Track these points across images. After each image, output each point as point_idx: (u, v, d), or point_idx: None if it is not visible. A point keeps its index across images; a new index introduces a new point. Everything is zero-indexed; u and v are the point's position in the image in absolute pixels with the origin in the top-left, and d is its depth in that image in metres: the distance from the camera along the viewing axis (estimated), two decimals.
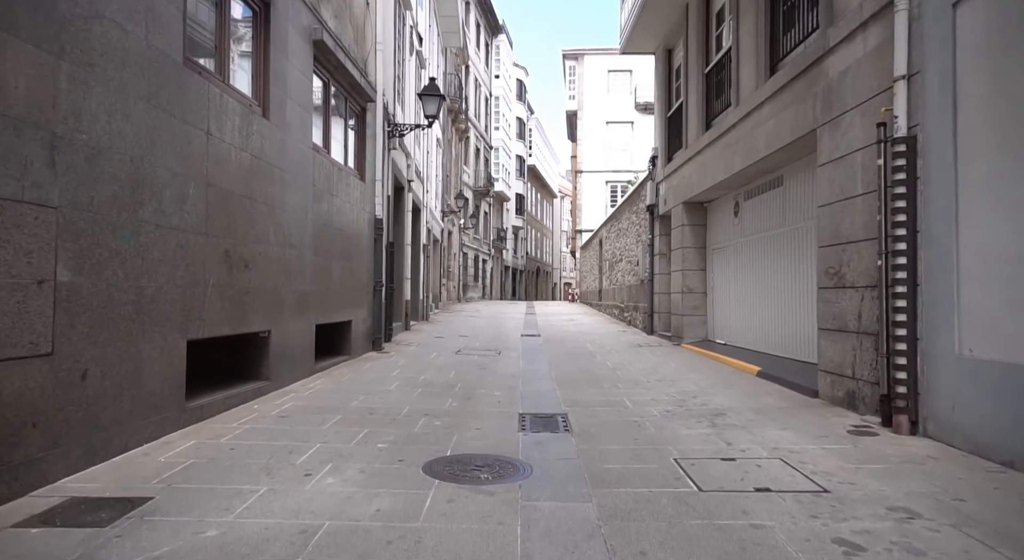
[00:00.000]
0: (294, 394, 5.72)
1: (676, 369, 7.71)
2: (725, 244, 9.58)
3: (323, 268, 7.11)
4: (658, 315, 12.06)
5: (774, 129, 6.73)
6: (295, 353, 6.25)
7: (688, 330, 10.33)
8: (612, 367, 7.95)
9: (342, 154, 8.15)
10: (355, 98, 8.42)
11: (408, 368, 7.64)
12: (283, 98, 5.93)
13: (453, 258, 27.36)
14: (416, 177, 14.54)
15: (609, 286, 19.97)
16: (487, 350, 9.73)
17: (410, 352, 9.29)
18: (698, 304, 10.34)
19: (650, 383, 6.68)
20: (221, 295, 4.76)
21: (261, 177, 5.47)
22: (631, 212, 15.79)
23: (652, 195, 12.35)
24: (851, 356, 5.05)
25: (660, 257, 12.06)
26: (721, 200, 9.70)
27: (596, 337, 12.19)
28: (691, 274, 10.37)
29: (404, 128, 10.55)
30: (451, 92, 24.40)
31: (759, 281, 8.27)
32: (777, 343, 7.71)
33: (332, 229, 7.42)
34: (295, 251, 6.24)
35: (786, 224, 7.44)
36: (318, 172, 6.92)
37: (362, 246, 8.70)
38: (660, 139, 12.13)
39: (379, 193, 9.39)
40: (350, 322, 8.20)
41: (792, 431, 4.45)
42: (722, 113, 8.84)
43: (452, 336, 11.93)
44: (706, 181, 9.14)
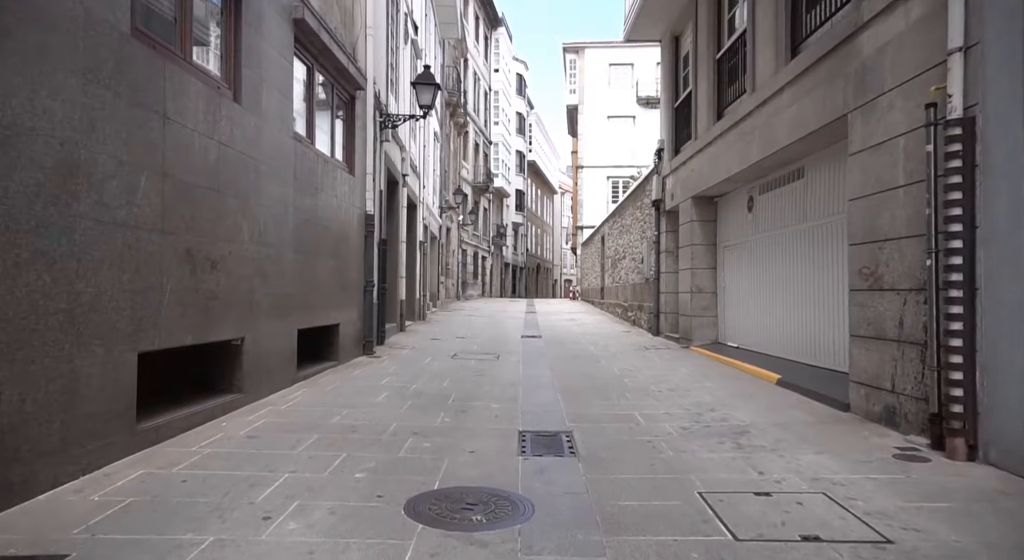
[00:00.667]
0: (270, 408, 5.18)
1: (688, 376, 7.17)
2: (737, 241, 9.03)
3: (307, 268, 6.56)
4: (664, 315, 11.51)
5: (796, 116, 6.17)
6: (273, 361, 5.71)
7: (697, 332, 9.78)
8: (619, 374, 7.41)
9: (328, 145, 7.60)
10: (342, 85, 7.86)
11: (399, 375, 7.09)
12: (258, 81, 5.37)
13: (452, 255, 26.81)
14: (412, 171, 13.98)
15: (612, 284, 19.43)
16: (485, 354, 9.19)
17: (403, 357, 8.75)
18: (708, 304, 9.80)
19: (661, 393, 6.14)
20: (182, 300, 4.22)
21: (232, 168, 4.91)
22: (635, 208, 15.24)
23: (658, 190, 11.80)
24: (890, 367, 4.51)
25: (667, 255, 11.50)
26: (733, 194, 9.15)
27: (600, 338, 11.65)
28: (700, 273, 9.82)
29: (397, 119, 9.99)
30: (449, 85, 23.82)
31: (776, 281, 7.72)
32: (797, 348, 7.17)
33: (317, 226, 6.87)
34: (273, 250, 5.70)
35: (808, 219, 6.88)
36: (300, 164, 6.37)
37: (351, 244, 8.16)
38: (667, 131, 11.57)
39: (370, 187, 8.84)
40: (338, 325, 7.65)
41: (829, 455, 3.91)
42: (735, 101, 8.28)
43: (449, 338, 11.39)
44: (718, 174, 8.58)
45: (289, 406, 5.28)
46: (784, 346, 7.50)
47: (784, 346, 7.50)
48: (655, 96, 34.10)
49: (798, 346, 7.14)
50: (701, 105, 9.50)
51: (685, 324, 10.13)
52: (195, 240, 4.38)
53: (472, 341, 10.92)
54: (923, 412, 4.10)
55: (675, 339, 10.66)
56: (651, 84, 34.44)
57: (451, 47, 24.71)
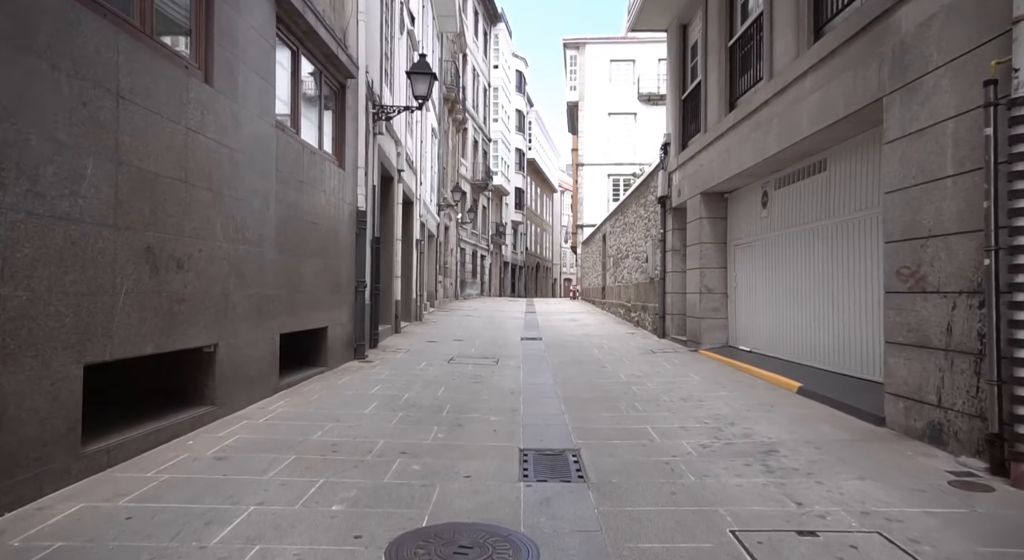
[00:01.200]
0: (246, 422, 4.69)
1: (700, 384, 6.69)
2: (750, 239, 8.55)
3: (291, 267, 6.08)
4: (671, 317, 11.04)
5: (820, 103, 5.69)
6: (251, 370, 5.23)
7: (707, 335, 9.31)
8: (626, 380, 6.94)
9: (316, 137, 7.11)
10: (331, 73, 7.38)
11: (391, 383, 6.61)
12: (233, 63, 4.89)
13: (450, 254, 26.33)
14: (408, 167, 13.50)
15: (614, 284, 18.96)
16: (483, 358, 8.71)
17: (397, 361, 8.26)
18: (718, 306, 9.32)
19: (674, 403, 5.66)
20: (141, 304, 3.74)
21: (203, 157, 4.43)
22: (638, 205, 14.76)
23: (664, 186, 11.32)
24: (935, 379, 4.03)
25: (673, 254, 11.02)
26: (745, 190, 8.67)
27: (603, 341, 11.17)
28: (710, 273, 9.35)
29: (392, 110, 9.50)
30: (447, 80, 23.32)
31: (793, 282, 7.24)
32: (818, 354, 6.69)
33: (303, 222, 6.39)
34: (252, 248, 5.22)
35: (831, 215, 6.40)
36: (284, 155, 5.89)
37: (341, 242, 7.67)
38: (673, 124, 11.09)
39: (362, 182, 8.36)
40: (325, 329, 7.17)
41: (875, 481, 3.44)
42: (750, 90, 7.80)
43: (446, 340, 10.91)
44: (730, 168, 8.10)
45: (267, 420, 4.80)
46: (802, 351, 7.03)
47: (802, 351, 7.03)
48: (657, 93, 33.64)
49: (819, 351, 6.67)
50: (711, 96, 9.02)
51: (693, 326, 9.65)
52: (158, 236, 3.90)
53: (470, 344, 10.44)
54: (978, 431, 3.63)
55: (683, 342, 10.19)
56: (653, 80, 34.01)
57: (449, 41, 24.22)
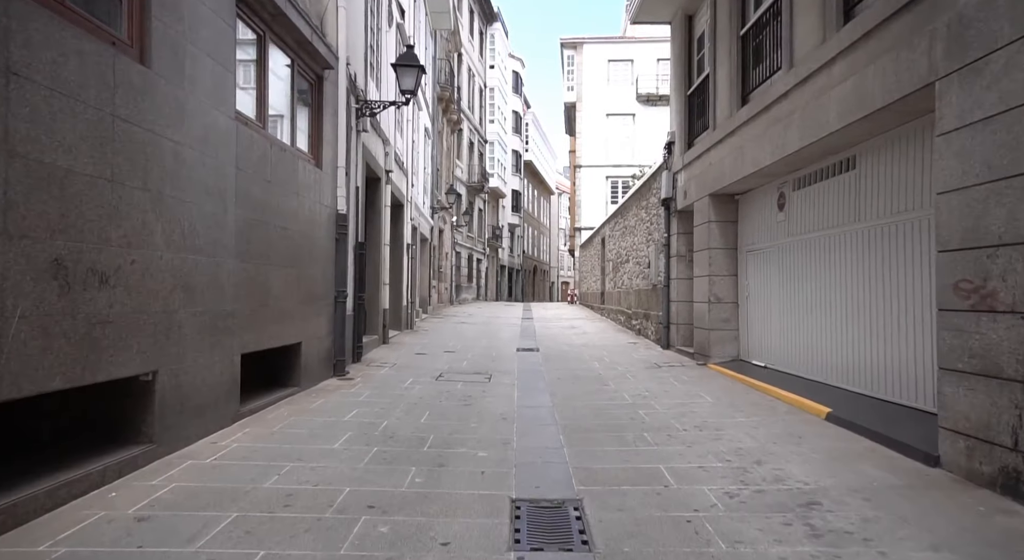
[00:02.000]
0: (190, 463, 4.00)
1: (714, 407, 6.01)
2: (764, 245, 7.89)
3: (256, 278, 5.39)
4: (676, 327, 10.36)
5: (854, 92, 5.03)
6: (202, 398, 4.53)
7: (716, 348, 8.64)
8: (631, 401, 6.26)
9: (288, 132, 6.43)
10: (305, 62, 6.70)
11: (370, 406, 5.92)
12: (179, 43, 4.21)
13: (445, 258, 25.65)
14: (397, 167, 12.83)
15: (613, 289, 18.29)
16: (475, 373, 8.02)
17: (380, 378, 7.57)
18: (728, 317, 8.65)
19: (688, 433, 4.99)
20: (45, 329, 3.05)
21: (136, 150, 3.75)
22: (640, 207, 14.10)
23: (668, 187, 10.65)
24: (1009, 416, 3.36)
25: (678, 259, 10.36)
26: (759, 191, 8.00)
27: (604, 352, 10.50)
28: (719, 280, 8.68)
29: (376, 106, 8.83)
30: (441, 79, 22.67)
31: (815, 293, 6.57)
32: (846, 374, 6.02)
33: (271, 227, 5.71)
34: (204, 257, 4.53)
35: (861, 219, 5.73)
36: (247, 152, 5.21)
37: (318, 248, 6.98)
38: (678, 122, 10.43)
39: (343, 183, 7.67)
40: (299, 345, 6.48)
41: (952, 553, 2.76)
42: (766, 82, 7.14)
43: (436, 352, 10.22)
44: (743, 167, 7.44)
45: (216, 459, 4.10)
46: (827, 370, 6.35)
47: (827, 370, 6.35)
48: (656, 93, 33.07)
49: (847, 371, 5.99)
50: (721, 90, 8.36)
51: (701, 338, 8.98)
52: (70, 246, 3.21)
53: (462, 356, 9.76)
54: None
55: (689, 354, 9.52)
56: (651, 80, 33.45)
57: (443, 39, 23.56)
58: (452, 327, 15.37)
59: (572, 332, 14.63)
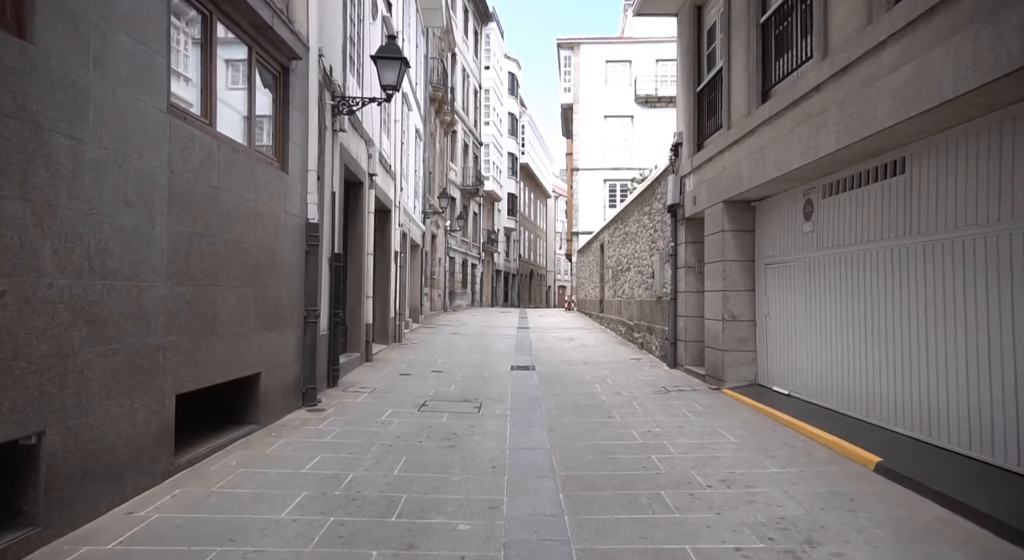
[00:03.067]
0: (85, 551, 3.12)
1: (740, 449, 5.16)
2: (787, 258, 7.05)
3: (197, 303, 4.53)
4: (685, 344, 9.52)
5: (911, 81, 4.19)
6: (117, 456, 3.67)
7: (731, 370, 7.79)
8: (641, 442, 5.41)
9: (243, 130, 5.57)
10: (266, 50, 5.84)
11: (337, 449, 5.05)
12: (79, 13, 3.34)
13: (438, 264, 24.78)
14: (384, 171, 11.98)
15: (613, 298, 17.45)
16: (464, 401, 7.16)
17: (355, 409, 6.69)
18: (744, 337, 7.81)
19: (713, 491, 4.14)
20: None
21: (7, 147, 2.89)
22: (641, 213, 13.27)
23: (675, 193, 9.82)
24: None
25: (686, 271, 9.52)
26: (780, 198, 7.17)
27: (606, 371, 9.64)
28: (735, 296, 7.84)
29: (355, 102, 7.96)
30: (434, 79, 21.84)
31: (853, 314, 5.73)
32: (894, 412, 5.17)
33: (219, 242, 4.84)
34: (122, 283, 3.67)
35: (913, 232, 4.89)
36: (185, 152, 4.35)
37: (282, 263, 6.12)
38: (686, 121, 9.60)
39: (314, 188, 6.81)
40: (257, 376, 5.61)
41: None
42: (791, 75, 6.32)
43: (422, 372, 9.35)
44: (764, 171, 6.60)
45: (122, 543, 3.22)
46: (868, 405, 5.51)
47: (868, 405, 5.51)
48: (655, 94, 32.34)
49: (895, 409, 5.14)
50: (737, 86, 7.53)
51: (714, 359, 8.13)
52: None
53: (450, 377, 8.89)
54: None
55: (699, 376, 8.67)
56: (650, 82, 32.72)
57: (436, 38, 22.73)
58: (443, 339, 14.51)
59: (571, 345, 13.78)
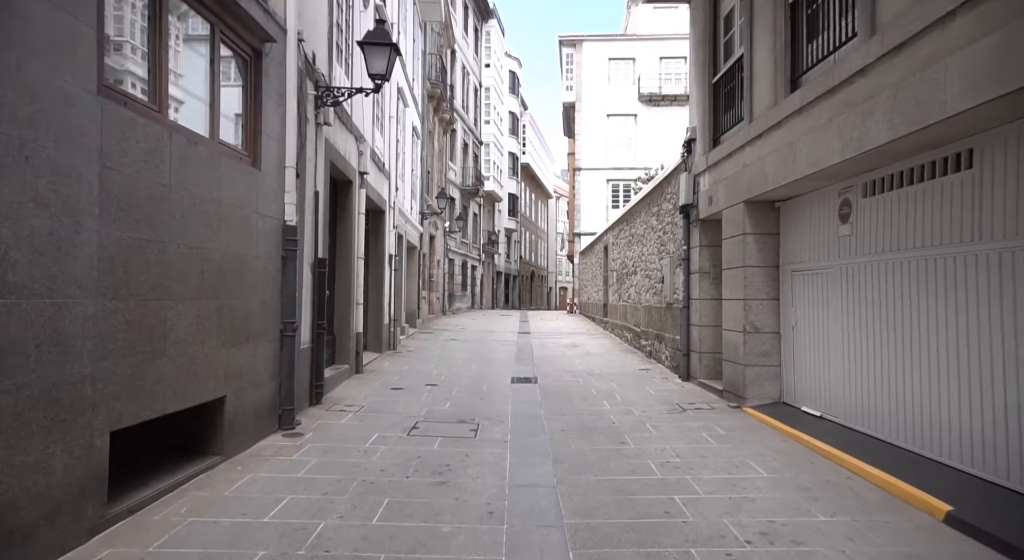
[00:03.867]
0: None
1: (776, 488, 4.46)
2: (819, 264, 6.35)
3: (140, 321, 3.84)
4: (699, 356, 8.81)
5: (994, 56, 3.49)
6: (25, 517, 2.96)
7: (753, 387, 7.09)
8: (661, 476, 4.71)
9: (205, 120, 4.87)
10: (233, 29, 5.14)
11: (310, 489, 4.36)
12: None
13: (436, 266, 24.08)
14: (377, 169, 11.29)
15: (618, 302, 16.75)
16: (459, 421, 6.46)
17: (337, 433, 5.99)
18: (768, 350, 7.10)
19: (755, 547, 3.44)
20: None
21: None
22: (649, 214, 12.58)
23: (688, 192, 9.12)
24: None
25: (701, 276, 8.82)
26: (810, 198, 6.47)
27: (613, 384, 8.93)
28: (757, 306, 7.13)
29: (340, 93, 7.26)
30: (432, 75, 21.16)
31: (905, 329, 5.03)
32: (960, 448, 4.45)
33: (170, 249, 4.15)
34: (29, 301, 2.97)
35: (985, 237, 4.18)
36: (123, 142, 3.66)
37: (253, 271, 5.42)
38: (700, 116, 8.90)
39: (292, 187, 6.13)
40: (221, 400, 4.91)
41: None
42: (827, 59, 5.62)
43: (416, 385, 8.64)
44: (795, 168, 5.91)
45: None
46: (925, 437, 4.80)
47: (925, 437, 4.80)
48: (659, 93, 31.68)
49: (962, 445, 4.42)
50: (760, 74, 6.83)
51: (734, 374, 7.43)
52: None
53: (446, 390, 8.19)
54: None
55: (716, 391, 7.96)
56: (654, 80, 32.07)
57: (435, 34, 22.05)
58: (440, 346, 13.81)
59: (574, 353, 13.07)
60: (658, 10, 34.21)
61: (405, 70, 15.30)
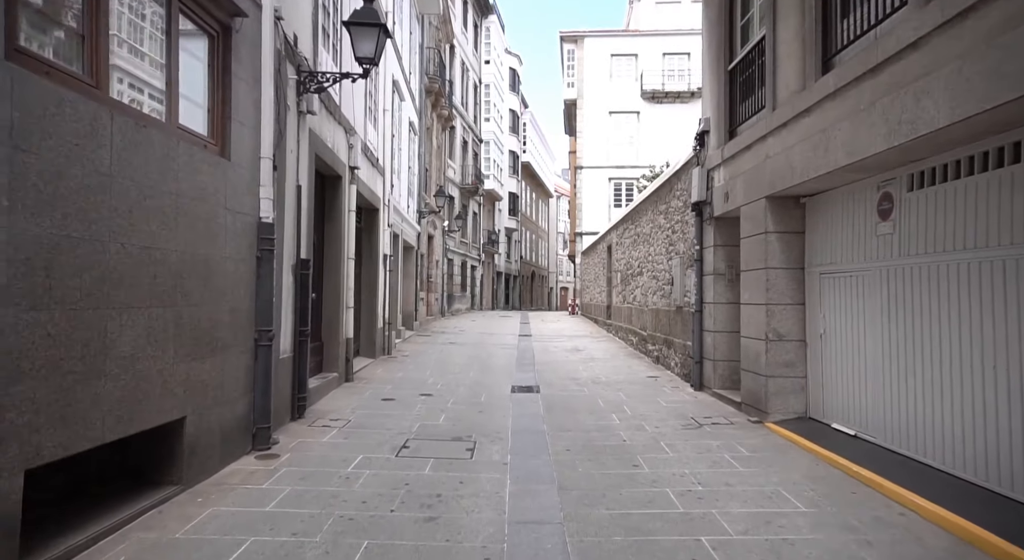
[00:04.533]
0: None
1: (818, 527, 3.84)
2: (853, 266, 5.73)
3: (73, 334, 3.23)
4: (713, 364, 8.19)
5: None
6: None
7: (776, 400, 6.47)
8: (683, 511, 4.09)
9: (162, 101, 4.25)
10: (196, 0, 4.53)
11: (277, 528, 3.74)
12: None
13: (435, 266, 23.46)
14: (369, 164, 10.67)
15: (622, 304, 16.13)
16: (454, 439, 5.85)
17: (317, 454, 5.37)
18: (793, 360, 6.48)
19: None
20: None
21: None
22: (657, 212, 11.96)
23: (700, 188, 8.50)
24: None
25: (715, 279, 8.20)
26: (841, 192, 5.86)
27: (621, 394, 8.31)
28: (781, 311, 6.52)
29: (325, 78, 6.64)
30: (430, 70, 20.53)
31: (964, 341, 4.41)
32: None
33: (113, 249, 3.54)
34: None
35: None
36: (44, 121, 3.05)
37: (220, 274, 4.81)
38: (714, 105, 8.28)
39: (269, 180, 5.51)
40: (181, 422, 4.30)
41: None
42: (865, 36, 5.00)
43: (409, 395, 8.02)
44: (828, 158, 5.29)
45: None
46: (984, 466, 4.18)
47: (984, 466, 4.18)
48: (662, 89, 31.06)
49: None
50: (786, 56, 6.21)
51: (754, 385, 6.81)
52: None
53: (441, 402, 7.57)
54: None
55: (733, 403, 7.35)
56: (657, 76, 31.45)
57: (433, 27, 21.43)
58: (438, 351, 13.19)
59: (577, 358, 12.45)
60: (661, 5, 33.62)
61: (401, 63, 14.68)
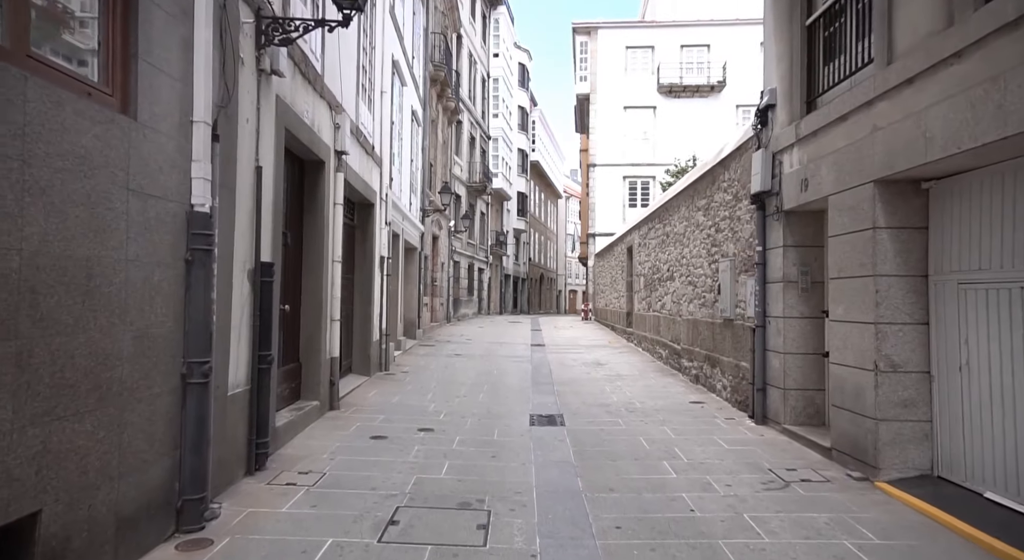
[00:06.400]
0: None
1: None
2: (1013, 274, 4.13)
3: None
4: (782, 393, 6.58)
5: None
6: None
7: (890, 452, 4.87)
8: None
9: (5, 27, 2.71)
10: None
11: None
12: None
13: (440, 269, 21.92)
14: (363, 151, 9.13)
15: (647, 311, 14.52)
16: (460, 506, 4.26)
17: (267, 537, 3.77)
18: (913, 398, 4.88)
19: None
20: None
21: None
22: (694, 208, 10.37)
23: (765, 175, 6.91)
24: None
25: (784, 287, 6.60)
26: (988, 173, 4.26)
27: (667, 429, 6.70)
28: (894, 333, 4.91)
29: (292, 26, 5.09)
30: (435, 57, 19.01)
31: None
32: None
33: None
34: None
35: None
36: None
37: (120, 284, 3.26)
38: (783, 73, 6.69)
39: (205, 154, 3.97)
40: (34, 517, 2.74)
41: None
42: None
43: (404, 432, 6.45)
44: (998, 120, 3.69)
45: None
46: None
47: None
48: (679, 83, 29.47)
49: None
50: None
51: (856, 430, 5.20)
52: None
53: (443, 443, 6.00)
54: None
55: (813, 445, 5.74)
56: (675, 69, 29.88)
57: (439, 12, 19.93)
58: (442, 365, 11.63)
59: (601, 375, 10.87)
60: None
61: (403, 43, 13.16)
